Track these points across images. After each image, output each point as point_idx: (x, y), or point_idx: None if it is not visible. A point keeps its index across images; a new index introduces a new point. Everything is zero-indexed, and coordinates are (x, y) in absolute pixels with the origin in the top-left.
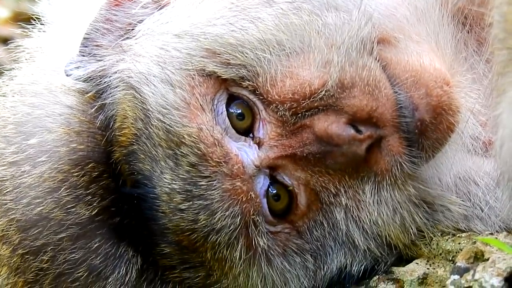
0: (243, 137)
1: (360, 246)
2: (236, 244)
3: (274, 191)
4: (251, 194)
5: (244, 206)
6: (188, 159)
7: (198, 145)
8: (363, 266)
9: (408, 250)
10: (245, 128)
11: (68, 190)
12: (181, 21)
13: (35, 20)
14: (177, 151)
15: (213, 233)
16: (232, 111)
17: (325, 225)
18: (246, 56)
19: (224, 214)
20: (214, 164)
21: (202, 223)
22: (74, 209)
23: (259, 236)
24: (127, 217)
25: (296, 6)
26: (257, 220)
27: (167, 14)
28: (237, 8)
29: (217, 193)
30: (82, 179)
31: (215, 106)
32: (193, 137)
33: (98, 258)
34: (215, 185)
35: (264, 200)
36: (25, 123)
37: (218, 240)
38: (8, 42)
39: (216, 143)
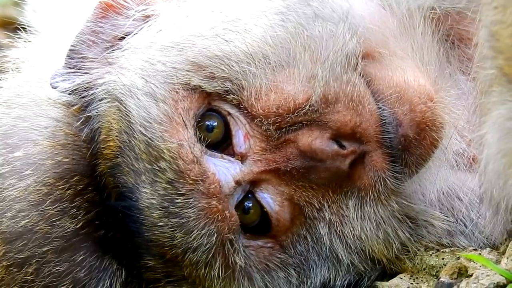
0: (223, 153)
1: (343, 261)
2: (214, 263)
3: (250, 205)
4: (226, 213)
5: (220, 225)
6: (166, 175)
7: (176, 162)
8: (346, 281)
9: (392, 264)
10: (221, 142)
11: (53, 203)
12: (167, 34)
13: (21, 28)
14: (156, 166)
15: (190, 251)
16: (209, 124)
17: (309, 240)
18: (231, 69)
19: (200, 233)
20: (191, 182)
21: (179, 240)
22: (59, 222)
23: (236, 255)
24: (112, 230)
25: (283, 18)
26: (234, 239)
27: (153, 27)
28: (224, 20)
29: (193, 212)
30: (67, 192)
31: (197, 122)
32: (173, 152)
33: (83, 271)
34: (191, 203)
35: (238, 216)
36: (10, 135)
37: (196, 258)
38: None
39: (195, 161)
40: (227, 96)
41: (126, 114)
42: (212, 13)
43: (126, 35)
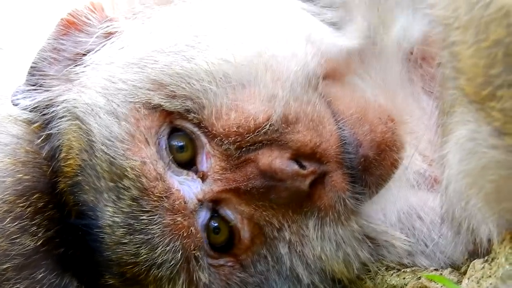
0: (186, 171)
1: (304, 281)
2: (177, 279)
3: (215, 225)
4: (192, 229)
5: (185, 241)
6: (130, 192)
7: (140, 179)
8: None
9: (353, 284)
10: (187, 161)
11: (13, 220)
12: (129, 51)
13: None
14: (119, 184)
15: (154, 267)
16: (174, 144)
17: (269, 259)
18: (192, 87)
19: (165, 249)
20: (155, 198)
21: (144, 257)
22: (19, 239)
23: (200, 271)
24: (72, 248)
25: (245, 37)
26: (198, 255)
27: (115, 44)
28: (187, 36)
29: (158, 228)
30: (28, 209)
31: (159, 140)
32: (136, 170)
33: None
34: (156, 220)
35: (205, 234)
36: None
37: (160, 274)
38: None
39: (158, 178)
40: (188, 115)
41: (87, 133)
42: (176, 29)
43: (88, 53)
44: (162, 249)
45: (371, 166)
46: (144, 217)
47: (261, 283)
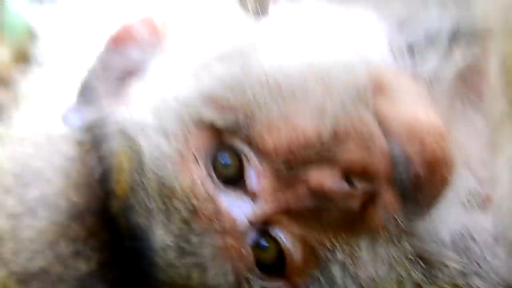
0: (235, 191)
1: None
2: None
3: (266, 245)
4: (242, 251)
5: (236, 264)
6: (180, 214)
7: (190, 200)
8: None
9: None
10: (235, 180)
11: (67, 244)
12: (181, 66)
13: (34, 62)
14: (169, 206)
15: None
16: (222, 162)
17: (322, 281)
18: (245, 99)
19: (217, 272)
20: (206, 220)
21: (196, 281)
22: (73, 263)
23: None
24: (126, 272)
25: (301, 47)
26: (250, 278)
27: (167, 60)
28: (242, 47)
29: (209, 251)
30: (82, 233)
31: (209, 160)
32: (186, 191)
33: None
34: (207, 242)
35: (253, 255)
36: (24, 175)
37: None
38: (8, 85)
39: (209, 199)
40: (238, 132)
41: (138, 153)
42: (230, 39)
43: (139, 70)
44: (214, 272)
45: (422, 185)
46: (194, 240)
47: None
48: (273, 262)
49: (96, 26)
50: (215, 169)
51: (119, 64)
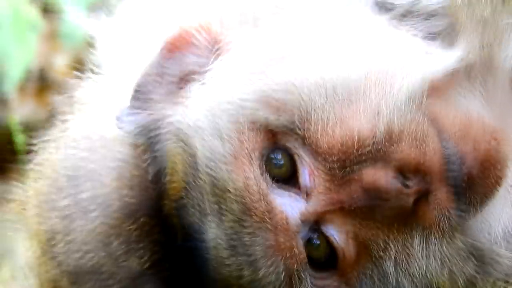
0: (288, 191)
1: None
2: None
3: (317, 242)
4: (295, 250)
5: (288, 262)
6: (232, 213)
7: (243, 200)
8: None
9: None
10: (291, 181)
11: (120, 244)
12: (236, 68)
13: (89, 69)
14: (222, 206)
15: None
16: (275, 162)
17: (375, 279)
18: (301, 100)
19: (268, 270)
20: (258, 219)
21: (247, 279)
22: (125, 262)
23: None
24: (178, 271)
25: (358, 51)
26: (302, 276)
27: (223, 63)
28: (299, 48)
29: (261, 249)
30: (134, 232)
31: (263, 161)
32: (239, 191)
33: None
34: (258, 241)
35: (305, 253)
36: (78, 176)
37: None
38: (65, 91)
39: (262, 198)
40: (292, 133)
41: (191, 155)
42: (287, 39)
43: (193, 74)
44: (265, 270)
45: (475, 184)
46: (246, 239)
47: None
48: (324, 259)
49: (152, 32)
50: (268, 169)
51: (173, 70)
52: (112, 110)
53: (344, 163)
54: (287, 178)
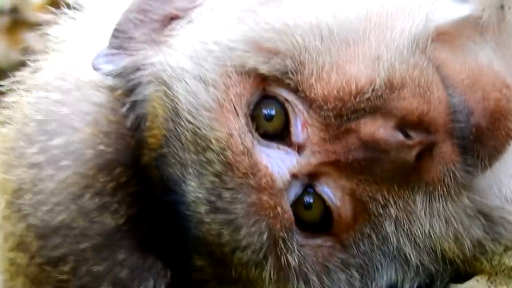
0: (277, 144)
1: (412, 261)
2: (264, 264)
3: (310, 201)
4: (278, 210)
5: (271, 222)
6: (213, 167)
7: (225, 153)
8: (416, 284)
9: (467, 265)
10: (278, 133)
11: (93, 197)
12: (224, 7)
13: (66, 6)
14: (203, 157)
15: (238, 250)
16: (264, 113)
17: (374, 238)
18: (294, 43)
19: (250, 231)
20: (240, 175)
21: (227, 238)
22: (99, 217)
23: (289, 255)
24: (157, 227)
25: None
26: (286, 237)
27: (210, 1)
28: None
29: (242, 208)
30: (109, 184)
31: (250, 110)
32: (221, 143)
33: (124, 271)
34: (240, 199)
35: (292, 214)
36: (49, 121)
37: (245, 258)
38: (39, 28)
39: (245, 152)
40: (284, 79)
41: (173, 100)
42: None
43: (177, 13)
44: (246, 230)
45: (483, 136)
46: (227, 195)
47: (365, 264)
48: (317, 220)
49: None
50: (256, 121)
51: (156, 8)
52: (90, 50)
53: (341, 112)
54: (278, 132)
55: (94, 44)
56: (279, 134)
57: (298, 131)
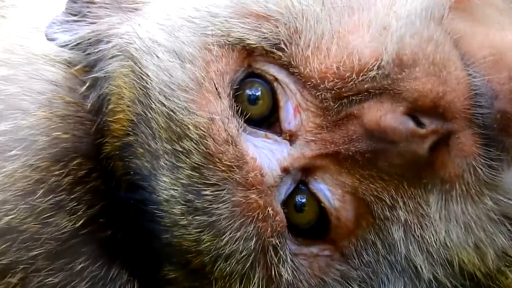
0: (265, 132)
1: (424, 275)
2: (252, 276)
3: (302, 201)
4: (269, 211)
5: (260, 226)
6: (191, 158)
7: (205, 141)
8: None
9: (490, 280)
10: (266, 118)
11: (46, 194)
12: None
13: None
14: (178, 147)
15: (221, 259)
16: (248, 93)
17: (379, 247)
18: (290, 7)
19: (234, 236)
20: (223, 168)
21: (207, 245)
22: (53, 218)
23: (281, 265)
24: (122, 230)
25: None
26: (278, 244)
27: None
28: None
29: (225, 208)
30: (65, 179)
31: (234, 90)
32: (201, 129)
33: (84, 283)
34: (222, 197)
35: (284, 216)
36: None
37: (229, 269)
38: None
39: (230, 141)
40: (275, 52)
41: (142, 78)
42: None
43: None
44: (231, 235)
45: (510, 125)
46: (207, 192)
47: (368, 278)
48: (311, 224)
49: None
50: (241, 104)
51: None
52: (43, 17)
53: (341, 93)
54: (264, 118)
55: (48, 10)
56: (266, 120)
57: (290, 117)
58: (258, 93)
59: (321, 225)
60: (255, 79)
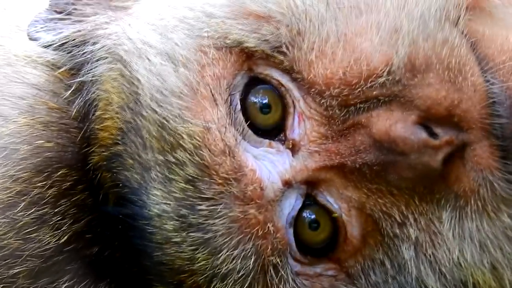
0: (268, 141)
1: None
2: None
3: (312, 217)
4: (269, 227)
5: (260, 244)
6: (184, 170)
7: (200, 152)
8: None
9: None
10: (272, 126)
11: (28, 207)
12: None
13: None
14: (171, 158)
15: (217, 279)
16: (255, 101)
17: (388, 266)
18: (292, 8)
19: (232, 254)
20: (220, 181)
21: (202, 263)
22: (36, 233)
23: (282, 286)
24: (109, 247)
25: None
26: (279, 263)
27: None
28: None
29: (222, 224)
30: (49, 191)
31: (231, 96)
32: (196, 139)
33: None
34: (219, 212)
35: (291, 231)
36: None
37: None
38: None
39: (227, 151)
40: (276, 56)
41: (132, 82)
42: None
43: None
44: (227, 253)
45: None
46: (202, 207)
47: None
48: (323, 244)
49: None
50: (247, 111)
51: None
52: (25, 15)
53: (347, 100)
54: (271, 125)
55: (31, 7)
56: (272, 130)
57: (294, 125)
58: (266, 101)
59: (327, 244)
60: (261, 85)
